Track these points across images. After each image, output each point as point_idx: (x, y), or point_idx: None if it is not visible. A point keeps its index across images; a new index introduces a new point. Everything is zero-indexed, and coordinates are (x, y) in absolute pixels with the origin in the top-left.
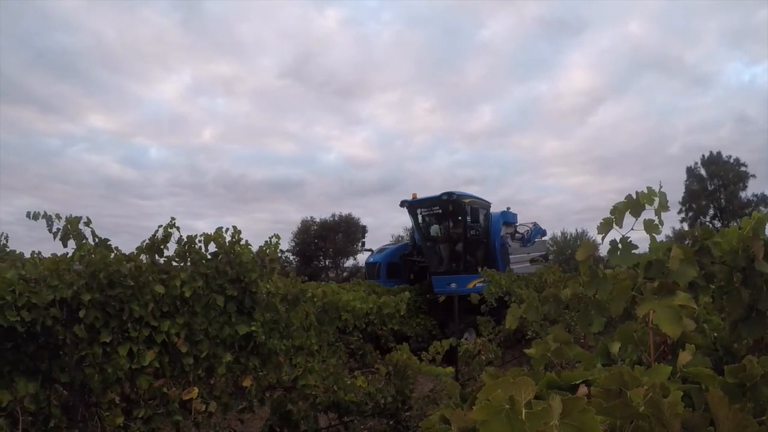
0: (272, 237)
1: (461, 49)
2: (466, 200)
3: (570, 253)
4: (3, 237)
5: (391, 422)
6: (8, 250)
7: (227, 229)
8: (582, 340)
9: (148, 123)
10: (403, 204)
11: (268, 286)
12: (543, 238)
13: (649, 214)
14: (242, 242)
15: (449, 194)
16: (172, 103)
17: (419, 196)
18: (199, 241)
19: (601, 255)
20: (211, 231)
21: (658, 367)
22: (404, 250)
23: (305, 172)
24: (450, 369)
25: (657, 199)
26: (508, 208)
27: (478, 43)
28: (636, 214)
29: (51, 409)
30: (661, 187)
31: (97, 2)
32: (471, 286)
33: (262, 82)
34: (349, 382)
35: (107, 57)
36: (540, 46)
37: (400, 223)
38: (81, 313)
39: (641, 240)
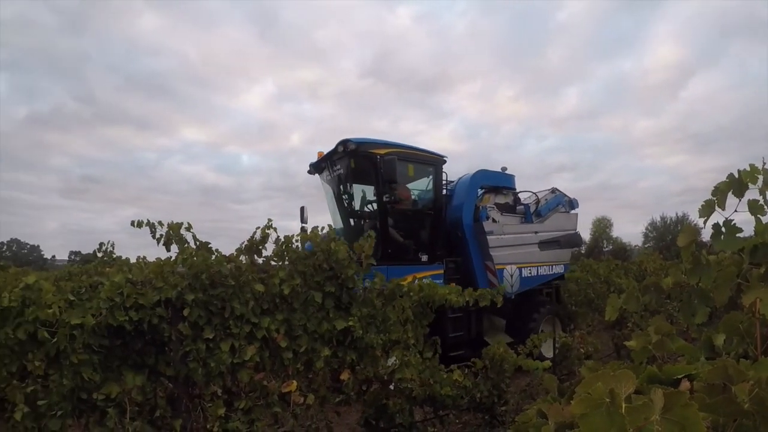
0: (367, 234)
1: (539, 33)
2: (378, 150)
3: (671, 238)
4: (110, 245)
5: (486, 417)
6: (115, 256)
7: (323, 228)
8: (684, 332)
9: (238, 132)
10: (310, 170)
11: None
12: (571, 212)
13: (753, 193)
14: (338, 239)
15: (345, 142)
16: (259, 112)
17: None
18: (296, 241)
19: (704, 240)
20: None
21: (765, 361)
22: None
23: None
24: (547, 363)
25: (761, 177)
26: (504, 169)
27: (555, 24)
28: (739, 194)
29: (157, 400)
30: (765, 163)
31: (178, 25)
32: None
33: (345, 84)
34: (445, 376)
35: (193, 74)
36: (620, 21)
37: None
38: (185, 312)
39: (746, 222)
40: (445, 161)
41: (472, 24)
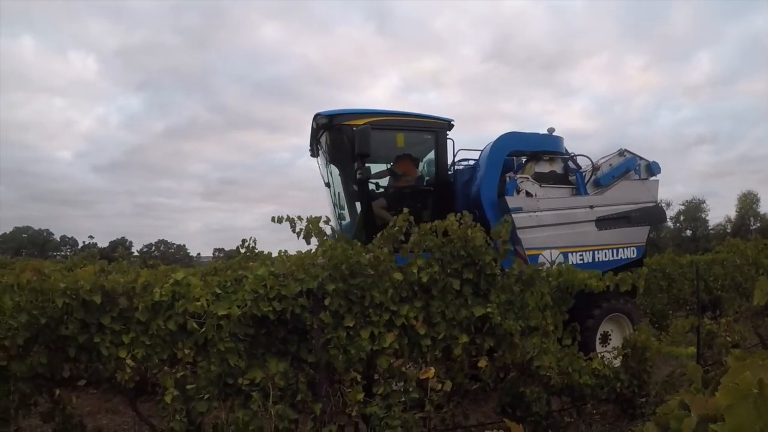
0: (503, 219)
1: None
2: (355, 121)
3: None
4: (252, 240)
5: (625, 408)
6: (257, 251)
7: (459, 216)
8: None
9: None
10: (311, 153)
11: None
12: (650, 179)
13: None
14: (474, 226)
15: (316, 116)
16: (385, 105)
17: None
18: (433, 230)
19: None
20: None
21: None
22: None
23: None
24: (692, 350)
25: None
26: (551, 131)
27: None
28: None
29: (298, 385)
30: None
31: (297, 32)
32: None
33: (468, 70)
34: (584, 364)
35: (317, 76)
36: None
37: None
38: (326, 301)
39: None
40: (451, 126)
41: None
